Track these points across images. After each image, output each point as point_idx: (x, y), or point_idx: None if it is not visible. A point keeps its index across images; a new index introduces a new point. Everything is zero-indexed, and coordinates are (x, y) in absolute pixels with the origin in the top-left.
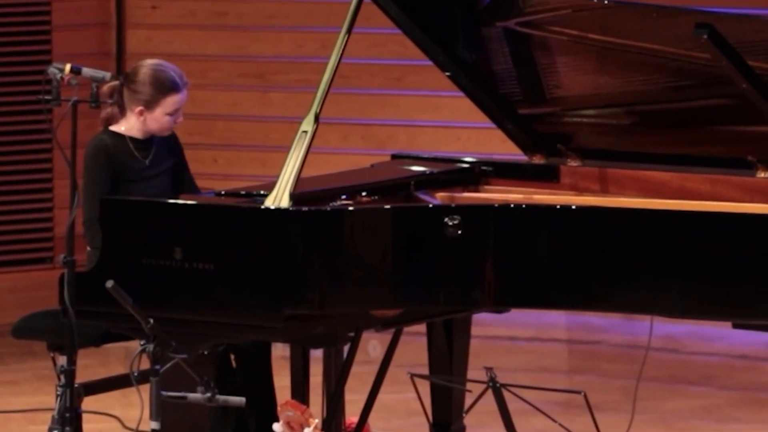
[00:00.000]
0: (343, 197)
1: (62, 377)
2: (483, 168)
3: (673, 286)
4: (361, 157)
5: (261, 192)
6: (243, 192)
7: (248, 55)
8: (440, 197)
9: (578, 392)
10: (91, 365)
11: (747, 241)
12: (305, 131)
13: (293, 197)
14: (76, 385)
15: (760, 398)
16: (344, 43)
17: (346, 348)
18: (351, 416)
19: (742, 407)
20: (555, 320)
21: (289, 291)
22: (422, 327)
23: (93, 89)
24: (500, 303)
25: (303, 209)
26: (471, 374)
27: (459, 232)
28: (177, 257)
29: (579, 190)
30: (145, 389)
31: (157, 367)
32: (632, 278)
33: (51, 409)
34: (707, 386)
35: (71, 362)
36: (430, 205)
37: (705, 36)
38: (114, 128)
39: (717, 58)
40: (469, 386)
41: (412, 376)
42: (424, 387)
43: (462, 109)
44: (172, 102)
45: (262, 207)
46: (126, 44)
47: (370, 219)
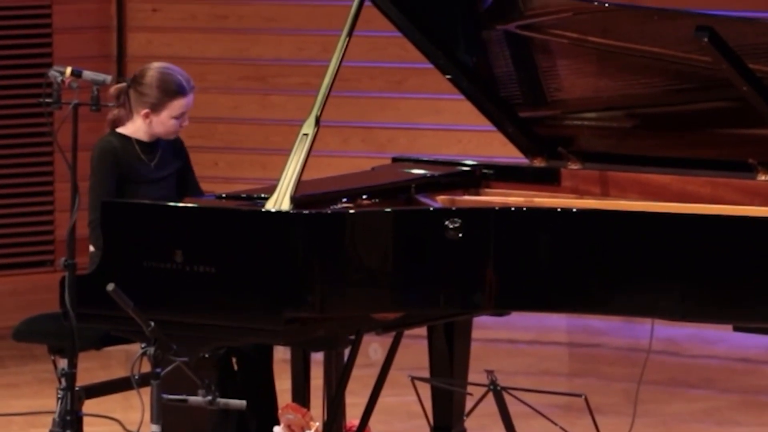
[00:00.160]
0: (344, 200)
1: (63, 380)
2: (484, 171)
3: (674, 289)
4: (362, 160)
5: (262, 195)
6: (244, 195)
7: (249, 58)
8: (441, 200)
9: (579, 395)
10: (92, 368)
11: (747, 244)
12: (306, 134)
13: (294, 200)
14: (77, 388)
15: (761, 401)
16: (345, 46)
17: (347, 351)
18: (352, 419)
19: (743, 410)
20: (555, 323)
21: (290, 294)
22: (423, 330)
23: (94, 92)
24: (501, 306)
25: (304, 212)
26: (472, 377)
27: (459, 235)
28: (178, 260)
29: (580, 193)
30: (146, 392)
31: (158, 370)
32: (633, 281)
33: (52, 412)
34: (708, 389)
35: (72, 365)
36: (431, 208)
37: (705, 39)
38: (121, 130)
39: (717, 61)
40: (470, 389)
41: (413, 379)
42: (425, 390)
43: (463, 112)
44: (179, 105)
45: (263, 210)
46: (126, 47)
47: (371, 222)
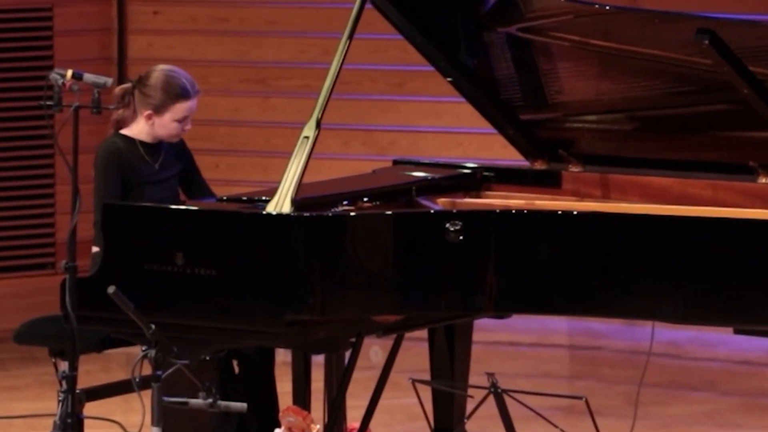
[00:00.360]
0: (345, 203)
1: (64, 383)
2: (484, 173)
3: (675, 292)
4: (363, 163)
5: (263, 198)
6: (245, 198)
7: (250, 61)
8: (442, 203)
9: (580, 398)
10: (93, 371)
11: (748, 247)
12: (307, 137)
13: (295, 203)
14: (78, 391)
15: (762, 404)
16: (346, 49)
17: (348, 353)
18: (352, 422)
19: (744, 413)
20: (556, 326)
21: (291, 296)
22: (424, 332)
23: (94, 95)
24: (502, 308)
25: (305, 215)
26: (472, 380)
27: (460, 238)
28: (179, 263)
29: (580, 196)
30: (147, 395)
31: (159, 373)
32: (634, 284)
33: (52, 415)
34: (709, 392)
35: (73, 368)
36: (432, 211)
37: (706, 42)
38: (124, 132)
39: (718, 64)
40: (471, 392)
41: (414, 382)
42: (426, 392)
43: (463, 115)
44: (182, 109)
45: (264, 213)
46: (127, 50)
47: (372, 224)
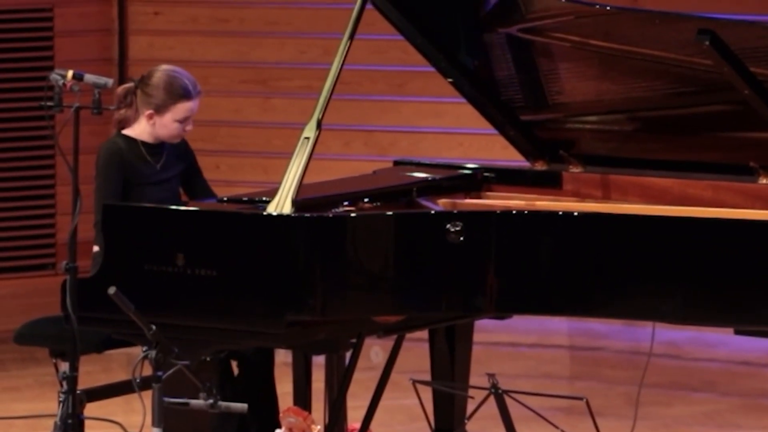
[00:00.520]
0: (346, 203)
1: (64, 383)
2: (485, 174)
3: (675, 292)
4: (363, 164)
5: (263, 198)
6: (245, 198)
7: (250, 62)
8: (442, 203)
9: (580, 398)
10: (94, 371)
11: (749, 248)
12: (307, 137)
13: (295, 203)
14: (79, 392)
15: (762, 404)
16: (346, 50)
17: (348, 354)
18: (353, 422)
19: (744, 413)
20: (557, 326)
21: (291, 297)
22: (424, 333)
23: (95, 95)
24: (502, 309)
25: (305, 215)
26: (473, 380)
27: (461, 239)
28: (179, 263)
29: (581, 197)
30: (148, 395)
31: (160, 374)
32: (634, 284)
33: (53, 416)
34: (709, 392)
35: (73, 368)
36: (432, 212)
37: (707, 42)
38: (126, 132)
39: (719, 65)
40: (471, 392)
41: (414, 382)
42: (426, 393)
43: (464, 116)
44: (182, 109)
45: (265, 213)
46: (128, 50)
47: (372, 225)
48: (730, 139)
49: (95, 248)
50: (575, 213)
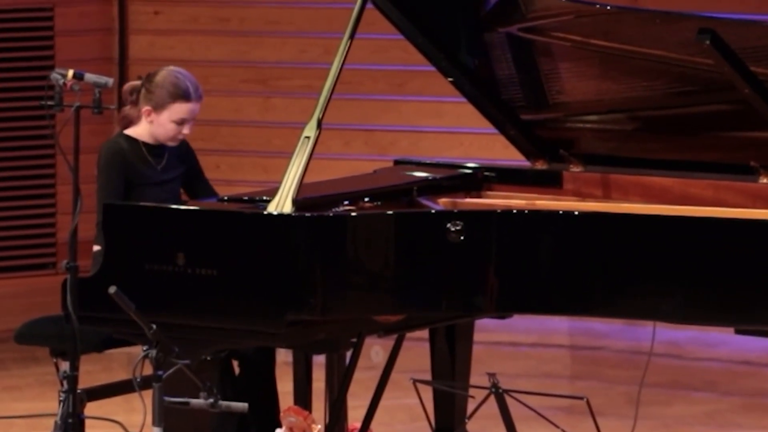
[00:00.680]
0: (346, 203)
1: (65, 383)
2: (485, 174)
3: (676, 292)
4: (364, 163)
5: (264, 198)
6: (246, 198)
7: (251, 61)
8: (443, 203)
9: (581, 398)
10: (94, 371)
11: (749, 247)
12: (308, 137)
13: (296, 203)
14: (79, 391)
15: (763, 404)
16: (347, 49)
17: (349, 354)
18: (353, 422)
19: (745, 413)
20: (557, 326)
21: (292, 296)
22: (425, 332)
23: (95, 95)
24: (503, 308)
25: (305, 215)
26: (473, 380)
27: (461, 238)
28: (180, 263)
29: (582, 196)
30: (148, 395)
31: (160, 373)
32: (635, 284)
33: (54, 415)
34: (710, 392)
35: (74, 368)
36: (433, 211)
37: (707, 42)
38: (129, 132)
39: (719, 64)
40: (472, 392)
41: (415, 382)
42: (427, 393)
43: (464, 115)
44: (180, 110)
45: (265, 213)
46: (129, 50)
47: (373, 225)
48: (731, 139)
49: (96, 247)
50: (576, 212)
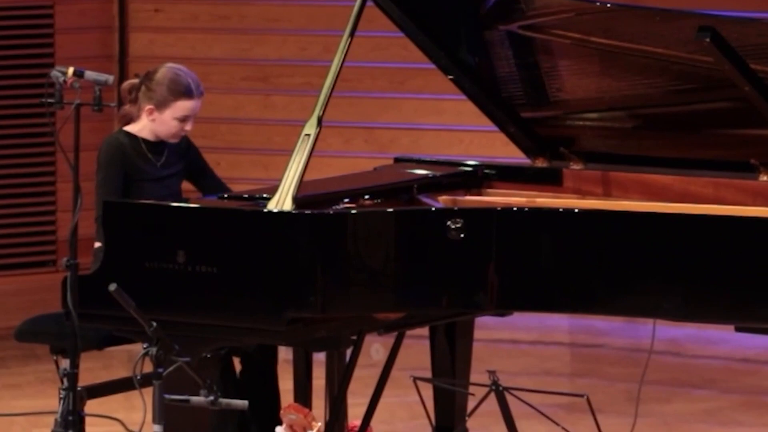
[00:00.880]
0: (346, 200)
1: (65, 380)
2: (486, 171)
3: (676, 290)
4: (364, 161)
5: (264, 195)
6: (246, 195)
7: (251, 59)
8: (443, 200)
9: (581, 395)
10: (94, 368)
11: (750, 245)
12: (308, 134)
13: (296, 200)
14: (79, 389)
15: (763, 401)
16: (347, 47)
17: (349, 351)
18: (353, 419)
19: (745, 411)
20: (557, 323)
21: (292, 294)
22: (425, 330)
23: (96, 92)
24: (503, 306)
25: (306, 212)
26: (474, 377)
27: (462, 236)
28: (180, 260)
29: (582, 194)
30: (148, 392)
31: (160, 371)
32: (635, 281)
33: (54, 413)
34: (710, 389)
35: (74, 365)
36: (433, 209)
37: (707, 39)
38: (128, 129)
39: (719, 62)
40: (472, 389)
41: (415, 380)
42: (427, 390)
43: (465, 113)
44: (182, 107)
45: (265, 210)
46: (129, 47)
47: (373, 222)
48: (731, 136)
49: (97, 244)
50: (576, 210)
